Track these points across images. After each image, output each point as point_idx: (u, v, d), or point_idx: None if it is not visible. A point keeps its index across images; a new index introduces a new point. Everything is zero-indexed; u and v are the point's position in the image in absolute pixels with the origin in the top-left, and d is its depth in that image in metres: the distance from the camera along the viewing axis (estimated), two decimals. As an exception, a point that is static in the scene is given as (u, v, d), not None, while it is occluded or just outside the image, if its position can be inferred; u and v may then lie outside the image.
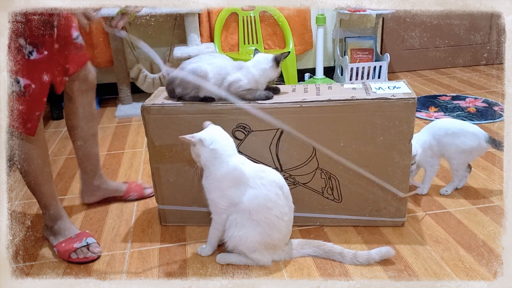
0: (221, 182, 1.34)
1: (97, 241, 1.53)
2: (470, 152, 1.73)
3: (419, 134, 1.76)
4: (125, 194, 1.77)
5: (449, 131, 1.72)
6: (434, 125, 1.78)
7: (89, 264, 1.46)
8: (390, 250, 1.39)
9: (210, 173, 1.34)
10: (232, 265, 1.41)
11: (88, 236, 1.52)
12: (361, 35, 3.48)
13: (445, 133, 1.73)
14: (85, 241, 1.49)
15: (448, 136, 1.72)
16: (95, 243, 1.51)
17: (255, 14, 3.28)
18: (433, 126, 1.77)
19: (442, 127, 1.75)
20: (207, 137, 1.31)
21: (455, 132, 1.72)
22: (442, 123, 1.77)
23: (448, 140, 1.72)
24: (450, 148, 1.73)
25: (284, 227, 1.38)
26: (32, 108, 1.35)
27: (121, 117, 2.97)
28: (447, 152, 1.75)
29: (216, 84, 1.47)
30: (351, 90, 1.52)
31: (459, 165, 1.76)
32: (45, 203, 1.53)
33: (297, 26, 3.34)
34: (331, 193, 1.56)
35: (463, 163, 1.76)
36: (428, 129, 1.77)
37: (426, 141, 1.74)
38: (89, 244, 1.49)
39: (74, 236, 1.52)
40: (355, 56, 3.38)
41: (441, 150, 1.75)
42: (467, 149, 1.72)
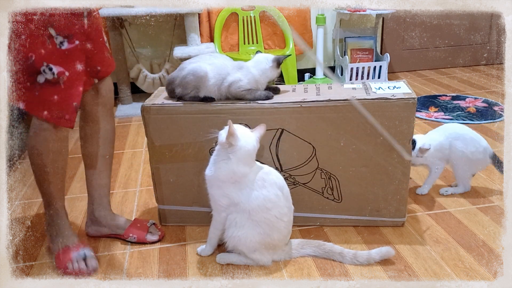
0: (223, 182, 1.33)
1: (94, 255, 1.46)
2: (475, 163, 1.74)
3: (432, 133, 1.77)
4: (124, 233, 1.57)
5: (462, 137, 1.73)
6: (449, 127, 1.78)
7: (89, 264, 1.46)
8: (390, 250, 1.39)
9: (217, 171, 1.32)
10: (232, 265, 1.41)
11: (87, 248, 1.46)
12: (361, 35, 3.48)
13: (458, 138, 1.73)
14: (82, 252, 1.43)
15: (459, 141, 1.72)
16: (92, 257, 1.44)
17: (255, 14, 3.28)
18: (448, 128, 1.77)
19: (457, 131, 1.74)
20: (240, 136, 1.30)
21: (467, 140, 1.72)
22: (458, 127, 1.77)
23: (459, 145, 1.72)
24: (457, 154, 1.73)
25: (284, 228, 1.38)
26: (68, 97, 1.29)
27: (121, 117, 2.97)
28: (454, 156, 1.74)
29: (216, 84, 1.48)
30: (351, 90, 1.52)
31: (463, 175, 1.77)
32: (49, 200, 1.45)
33: (297, 26, 3.34)
34: (331, 193, 1.56)
35: (467, 173, 1.77)
36: (443, 130, 1.77)
37: (439, 141, 1.73)
38: (86, 255, 1.43)
39: (72, 246, 1.45)
40: (355, 56, 3.38)
41: (450, 154, 1.75)
42: (473, 159, 1.73)
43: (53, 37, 1.23)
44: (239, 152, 1.29)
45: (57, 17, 1.23)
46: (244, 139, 1.30)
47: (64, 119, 1.30)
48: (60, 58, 1.25)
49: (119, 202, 1.86)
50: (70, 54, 1.28)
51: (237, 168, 1.30)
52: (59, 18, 1.24)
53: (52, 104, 1.27)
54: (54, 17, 1.22)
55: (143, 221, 1.61)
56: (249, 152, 1.31)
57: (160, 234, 1.58)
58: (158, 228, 1.61)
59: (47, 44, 1.22)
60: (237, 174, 1.30)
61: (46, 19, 1.21)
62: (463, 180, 1.78)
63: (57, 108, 1.28)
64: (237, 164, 1.30)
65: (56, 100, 1.27)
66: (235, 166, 1.30)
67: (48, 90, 1.25)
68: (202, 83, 1.46)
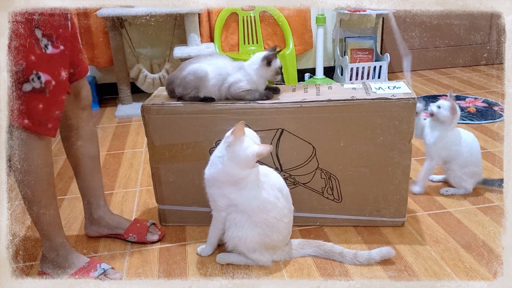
0: (222, 183, 1.33)
1: (112, 267, 1.41)
2: (468, 174, 1.76)
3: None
4: (124, 233, 1.56)
5: (468, 146, 1.74)
6: (459, 132, 1.77)
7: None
8: (390, 250, 1.39)
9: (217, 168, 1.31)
10: (232, 265, 1.41)
11: (102, 262, 1.40)
12: (361, 35, 3.48)
13: (463, 144, 1.74)
14: (100, 269, 1.37)
15: (463, 148, 1.73)
16: (111, 269, 1.39)
17: (255, 14, 3.28)
18: (458, 132, 1.76)
19: (465, 138, 1.75)
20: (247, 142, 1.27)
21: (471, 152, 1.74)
22: (467, 135, 1.77)
23: (460, 152, 1.74)
24: (455, 158, 1.74)
25: (284, 229, 1.38)
26: (52, 106, 1.24)
27: (121, 117, 2.97)
28: (450, 158, 1.75)
29: (216, 85, 1.47)
30: (351, 90, 1.52)
31: (459, 180, 1.77)
32: (47, 232, 1.34)
33: (297, 26, 3.34)
34: (331, 193, 1.56)
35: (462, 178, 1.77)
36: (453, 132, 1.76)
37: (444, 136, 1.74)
38: (106, 270, 1.37)
39: (86, 265, 1.37)
40: (355, 56, 3.38)
41: (447, 157, 1.76)
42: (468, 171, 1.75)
43: (39, 39, 1.18)
44: (235, 155, 1.27)
45: (42, 17, 1.17)
46: (246, 145, 1.26)
47: (47, 128, 1.24)
48: (47, 64, 1.20)
49: (119, 202, 1.86)
50: (55, 60, 1.23)
51: (232, 170, 1.29)
52: (44, 18, 1.18)
53: (35, 113, 1.21)
54: (40, 17, 1.16)
55: (142, 221, 1.61)
56: (245, 159, 1.27)
57: (160, 234, 1.58)
58: (158, 228, 1.61)
59: (35, 49, 1.17)
60: (233, 176, 1.30)
61: (33, 19, 1.15)
62: (460, 184, 1.78)
63: (40, 116, 1.22)
64: (232, 166, 1.28)
65: (40, 109, 1.21)
66: (230, 168, 1.29)
67: (33, 99, 1.19)
68: (202, 83, 1.46)
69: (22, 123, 1.19)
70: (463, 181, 1.76)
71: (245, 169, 1.29)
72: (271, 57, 1.48)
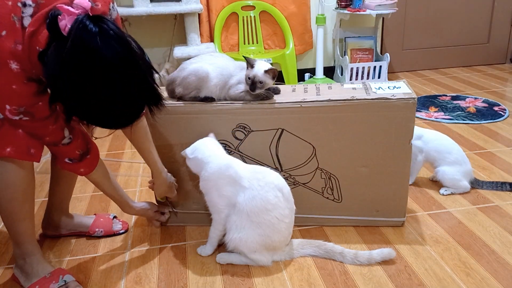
0: (215, 181, 1.35)
1: (76, 279, 1.34)
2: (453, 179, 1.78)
3: (427, 130, 1.83)
4: (89, 230, 1.58)
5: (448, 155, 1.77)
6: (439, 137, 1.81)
7: (89, 264, 1.46)
8: (391, 252, 1.39)
9: (202, 177, 1.39)
10: (232, 265, 1.41)
11: (65, 274, 1.33)
12: (361, 35, 3.48)
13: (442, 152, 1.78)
14: (62, 280, 1.30)
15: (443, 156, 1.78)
16: (73, 281, 1.32)
17: (255, 14, 3.28)
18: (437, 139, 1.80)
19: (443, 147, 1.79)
20: (188, 150, 1.39)
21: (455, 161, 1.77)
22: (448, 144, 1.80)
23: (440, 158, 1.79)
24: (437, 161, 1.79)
25: (285, 229, 1.38)
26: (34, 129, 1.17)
27: (121, 117, 2.96)
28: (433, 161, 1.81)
29: (218, 85, 1.47)
30: (351, 90, 1.52)
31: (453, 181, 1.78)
32: (19, 240, 1.31)
33: (297, 26, 3.34)
34: (331, 193, 1.56)
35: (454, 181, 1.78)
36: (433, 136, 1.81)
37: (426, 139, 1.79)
38: (67, 282, 1.31)
39: (49, 275, 1.31)
40: (355, 56, 3.38)
41: (429, 159, 1.81)
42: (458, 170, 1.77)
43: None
44: (195, 157, 1.38)
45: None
46: (189, 148, 1.40)
47: (30, 154, 1.18)
48: (27, 97, 1.10)
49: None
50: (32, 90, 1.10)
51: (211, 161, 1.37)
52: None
53: (17, 139, 1.15)
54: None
55: (105, 215, 1.67)
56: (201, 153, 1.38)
57: (123, 225, 1.63)
58: (120, 220, 1.66)
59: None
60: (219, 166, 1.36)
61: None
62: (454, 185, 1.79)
63: (23, 142, 1.16)
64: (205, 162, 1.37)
65: (21, 134, 1.15)
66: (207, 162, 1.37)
67: (13, 125, 1.13)
68: (204, 83, 1.46)
69: (5, 152, 1.14)
70: (458, 181, 1.77)
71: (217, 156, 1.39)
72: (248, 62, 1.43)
